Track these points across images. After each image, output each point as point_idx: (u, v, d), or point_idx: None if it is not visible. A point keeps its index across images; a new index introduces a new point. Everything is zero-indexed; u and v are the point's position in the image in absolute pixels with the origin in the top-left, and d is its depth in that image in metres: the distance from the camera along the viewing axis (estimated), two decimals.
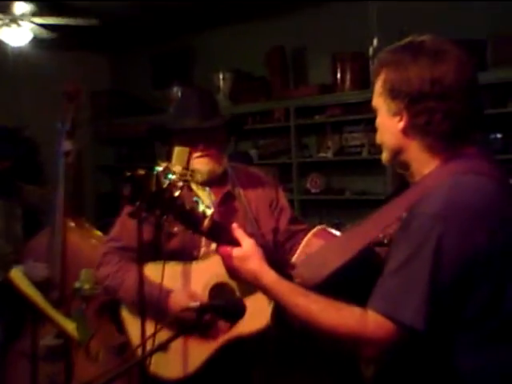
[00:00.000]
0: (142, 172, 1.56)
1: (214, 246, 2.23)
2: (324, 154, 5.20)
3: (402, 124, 1.41)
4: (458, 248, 1.26)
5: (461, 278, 1.27)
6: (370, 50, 3.28)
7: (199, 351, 2.12)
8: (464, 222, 1.27)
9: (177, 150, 1.99)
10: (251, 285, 1.98)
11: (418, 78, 1.37)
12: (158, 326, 1.79)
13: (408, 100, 1.38)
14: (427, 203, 1.31)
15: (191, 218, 1.55)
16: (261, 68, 5.53)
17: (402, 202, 1.41)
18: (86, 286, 2.56)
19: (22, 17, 4.51)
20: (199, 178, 2.19)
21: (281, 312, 1.60)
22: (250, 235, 2.19)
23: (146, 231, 2.04)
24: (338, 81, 4.98)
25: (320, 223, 5.11)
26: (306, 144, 5.39)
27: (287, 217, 2.38)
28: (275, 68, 5.44)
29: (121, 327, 2.36)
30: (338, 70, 4.97)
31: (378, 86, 1.45)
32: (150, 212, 1.57)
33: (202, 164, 2.19)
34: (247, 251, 1.54)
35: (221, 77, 5.62)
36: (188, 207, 1.56)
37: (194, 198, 1.61)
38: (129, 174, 1.56)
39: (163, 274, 1.93)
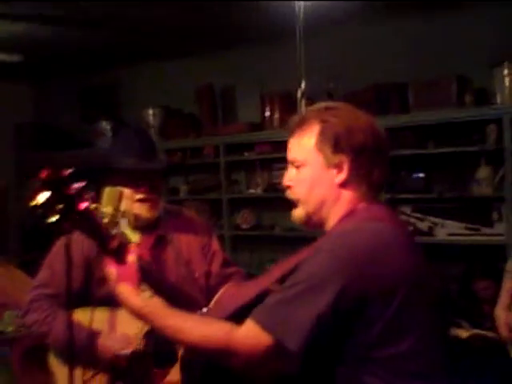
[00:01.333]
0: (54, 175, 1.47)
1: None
2: (253, 191, 5.26)
3: (342, 176, 1.46)
4: (349, 286, 1.31)
5: (347, 313, 1.32)
6: (298, 92, 3.38)
7: None
8: (357, 263, 1.33)
9: (108, 190, 1.94)
10: None
11: (362, 132, 1.45)
12: (88, 375, 1.73)
13: (352, 153, 1.45)
14: (328, 241, 1.39)
15: (102, 234, 1.50)
16: (190, 104, 5.56)
17: (305, 251, 1.46)
18: (10, 329, 2.47)
19: None
20: (139, 222, 2.15)
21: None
22: (182, 278, 2.19)
23: (77, 278, 1.99)
24: (267, 119, 5.08)
25: (250, 258, 5.19)
26: (236, 180, 5.44)
27: (219, 260, 2.35)
28: (205, 105, 5.49)
29: (47, 372, 2.27)
30: (267, 109, 5.07)
31: (311, 140, 1.48)
32: (66, 219, 1.48)
33: (143, 209, 2.13)
34: (127, 273, 1.55)
35: (150, 112, 5.61)
36: (98, 221, 1.52)
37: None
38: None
39: (92, 318, 1.87)
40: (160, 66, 5.77)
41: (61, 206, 1.39)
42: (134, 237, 2.13)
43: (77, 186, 1.40)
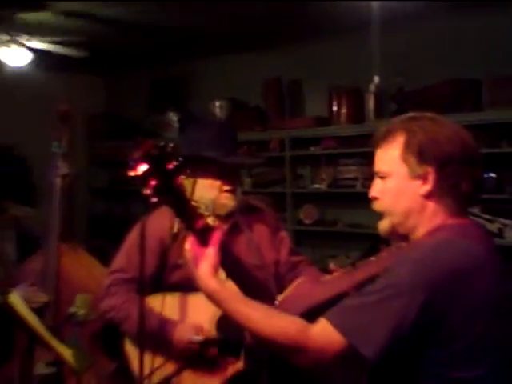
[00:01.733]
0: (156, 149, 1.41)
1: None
2: (318, 186, 5.23)
3: (427, 187, 1.44)
4: (431, 300, 1.30)
5: (425, 328, 1.31)
6: (371, 86, 3.33)
7: None
8: (442, 279, 1.31)
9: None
10: None
11: (448, 143, 1.43)
12: (161, 361, 1.76)
13: (437, 163, 1.43)
14: (415, 251, 1.36)
15: (191, 212, 1.48)
16: (257, 98, 5.58)
17: (387, 259, 1.48)
18: (81, 312, 2.53)
19: (19, 39, 4.53)
20: (222, 211, 2.19)
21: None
22: (254, 266, 2.22)
23: (151, 263, 2.04)
24: (334, 114, 5.04)
25: (313, 254, 5.17)
26: (301, 174, 5.43)
27: (287, 249, 2.41)
28: (272, 98, 5.49)
29: (113, 354, 2.33)
30: (334, 104, 5.03)
31: (396, 151, 1.47)
32: (160, 194, 1.44)
33: (228, 199, 2.20)
34: (208, 254, 1.51)
35: (217, 104, 5.66)
36: (187, 198, 1.48)
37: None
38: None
39: (164, 305, 1.91)
40: (228, 58, 5.81)
41: (157, 180, 1.39)
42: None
43: (175, 162, 1.41)
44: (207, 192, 2.15)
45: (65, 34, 4.59)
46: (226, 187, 2.18)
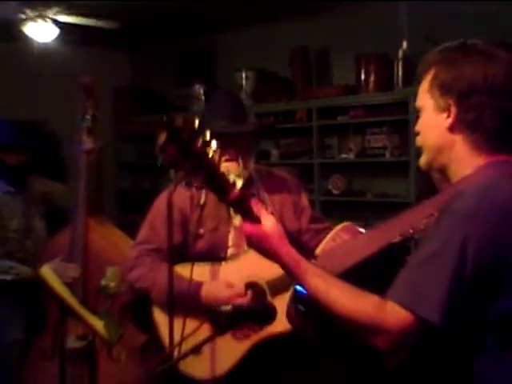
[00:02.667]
0: (180, 119, 1.45)
1: (240, 247, 2.24)
2: (346, 156, 5.18)
3: (450, 120, 1.40)
4: (484, 249, 1.25)
5: (485, 278, 1.25)
6: (400, 52, 3.25)
7: (231, 351, 2.14)
8: (492, 224, 1.26)
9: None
10: (282, 284, 1.98)
11: (471, 75, 1.37)
12: (191, 327, 1.77)
13: (458, 95, 1.38)
14: (459, 201, 1.30)
15: (221, 184, 1.45)
16: (284, 68, 5.51)
17: (434, 202, 1.40)
18: (112, 284, 2.55)
19: (46, 13, 4.53)
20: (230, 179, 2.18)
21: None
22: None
23: (175, 233, 2.05)
24: (362, 82, 4.95)
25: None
26: (328, 145, 5.37)
27: (307, 216, 2.41)
28: (298, 68, 5.41)
29: (144, 326, 2.36)
30: (362, 71, 4.93)
31: (426, 84, 1.45)
32: (182, 164, 1.47)
33: (230, 168, 2.17)
34: (266, 230, 1.46)
35: (243, 76, 5.60)
36: (220, 170, 1.47)
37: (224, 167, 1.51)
38: (165, 119, 1.42)
39: (192, 271, 1.91)
40: (254, 29, 5.74)
41: (187, 162, 1.39)
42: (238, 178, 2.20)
43: (201, 140, 1.41)
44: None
45: (92, 7, 4.58)
46: (225, 157, 2.14)
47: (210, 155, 1.43)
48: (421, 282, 1.26)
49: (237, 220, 2.18)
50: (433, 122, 1.44)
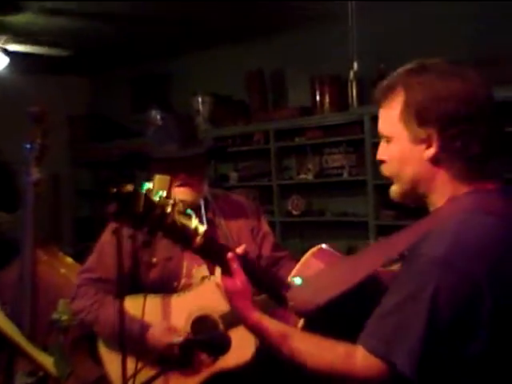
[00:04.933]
0: (129, 188, 1.43)
1: (195, 276, 2.19)
2: (304, 176, 5.19)
3: (431, 151, 1.29)
4: (457, 292, 1.19)
5: (457, 325, 1.19)
6: (351, 73, 3.29)
7: None
8: (463, 271, 1.19)
9: (157, 177, 1.93)
10: (236, 317, 1.94)
11: (452, 99, 1.26)
12: (139, 365, 1.72)
13: (440, 124, 1.27)
14: (430, 243, 1.23)
15: (183, 235, 1.45)
16: (240, 91, 5.52)
17: (409, 235, 1.32)
18: (65, 317, 2.48)
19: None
20: (181, 207, 2.13)
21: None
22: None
23: (125, 263, 1.99)
24: (317, 103, 5.00)
25: (301, 245, 5.14)
26: (287, 166, 5.39)
27: (270, 243, 2.34)
28: (254, 91, 5.44)
29: (98, 359, 2.28)
30: (317, 93, 4.98)
31: (395, 112, 1.32)
32: (138, 230, 1.49)
33: (182, 194, 2.10)
34: (236, 287, 1.46)
35: (200, 100, 5.61)
36: (179, 224, 1.46)
37: (188, 211, 1.52)
38: (114, 190, 1.42)
39: (144, 307, 1.85)
40: (210, 53, 5.74)
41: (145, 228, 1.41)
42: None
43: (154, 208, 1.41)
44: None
45: (44, 34, 4.53)
46: (177, 182, 2.08)
47: (169, 210, 1.42)
48: (392, 331, 1.21)
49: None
50: (409, 153, 1.32)
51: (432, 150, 1.29)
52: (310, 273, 1.63)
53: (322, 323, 1.44)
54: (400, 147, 1.33)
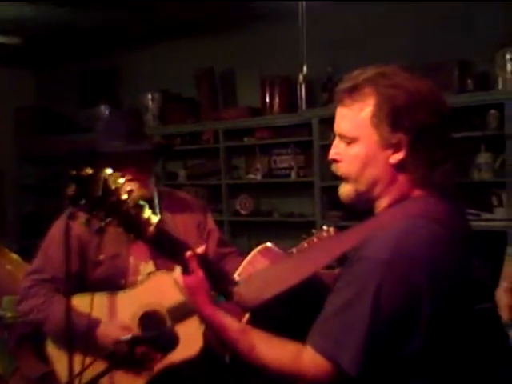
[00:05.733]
0: (89, 171, 1.44)
1: (142, 273, 2.20)
2: (253, 176, 5.24)
3: (399, 156, 1.30)
4: (398, 295, 1.23)
5: (398, 323, 1.24)
6: (300, 76, 3.35)
7: None
8: (405, 273, 1.23)
9: None
10: (183, 311, 1.96)
11: (425, 106, 1.28)
12: (88, 362, 1.72)
13: (412, 132, 1.28)
14: (372, 246, 1.27)
15: (135, 224, 1.45)
16: (189, 89, 5.52)
17: (353, 236, 1.36)
18: (9, 314, 2.46)
19: None
20: (136, 197, 2.12)
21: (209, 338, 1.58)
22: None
23: (72, 261, 1.98)
24: (267, 104, 5.04)
25: (249, 244, 5.18)
26: (236, 165, 5.42)
27: (215, 239, 2.38)
28: (204, 89, 5.44)
29: (43, 357, 2.26)
30: (267, 94, 5.03)
31: (364, 114, 1.31)
32: (93, 215, 1.47)
33: (132, 187, 2.12)
34: (194, 283, 1.47)
35: (149, 97, 5.58)
36: (133, 212, 1.47)
37: (141, 202, 1.53)
38: (74, 172, 1.43)
39: (92, 305, 1.85)
40: (160, 49, 5.72)
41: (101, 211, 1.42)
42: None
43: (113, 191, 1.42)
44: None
45: None
46: (127, 177, 2.08)
47: (124, 197, 1.43)
48: (337, 331, 1.25)
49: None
50: (373, 156, 1.32)
51: (400, 156, 1.30)
52: (256, 270, 1.66)
53: (266, 318, 1.48)
54: (365, 149, 1.32)
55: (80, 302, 1.98)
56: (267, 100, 5.04)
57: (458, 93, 4.09)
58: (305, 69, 3.47)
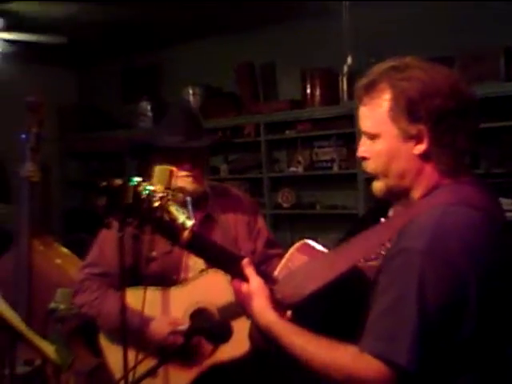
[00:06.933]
0: (118, 182, 1.48)
1: (194, 270, 2.22)
2: (295, 169, 5.23)
3: (422, 147, 1.32)
4: (442, 282, 1.22)
5: (449, 312, 1.23)
6: (345, 67, 3.33)
7: (180, 378, 2.09)
8: (445, 256, 1.23)
9: (158, 168, 1.95)
10: (233, 310, 1.97)
11: (440, 95, 1.29)
12: (141, 356, 1.74)
13: (431, 121, 1.30)
14: (410, 237, 1.27)
15: (170, 230, 1.46)
16: (229, 83, 5.54)
17: (390, 227, 1.36)
18: (62, 307, 2.50)
19: None
20: (181, 196, 2.13)
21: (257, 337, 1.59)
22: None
23: (126, 256, 2.01)
24: (308, 96, 5.02)
25: (291, 237, 5.18)
26: (277, 159, 5.42)
27: (264, 239, 2.36)
28: (245, 83, 5.46)
29: (95, 350, 2.30)
30: (308, 86, 5.01)
31: (382, 110, 1.34)
32: (126, 223, 1.51)
33: (186, 183, 2.14)
34: (253, 290, 1.47)
35: (191, 92, 5.61)
36: (167, 218, 1.48)
37: (175, 208, 1.54)
38: (104, 184, 1.48)
39: (144, 300, 1.87)
40: (201, 44, 5.74)
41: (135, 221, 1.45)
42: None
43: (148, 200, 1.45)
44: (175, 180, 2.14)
45: (37, 23, 4.51)
46: (182, 173, 2.11)
47: (156, 204, 1.44)
48: (389, 332, 1.24)
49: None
50: (397, 150, 1.35)
51: (422, 146, 1.33)
52: (295, 267, 1.67)
53: (308, 315, 1.48)
54: (388, 144, 1.35)
55: (131, 296, 2.01)
56: (308, 92, 5.01)
57: (505, 81, 4.01)
58: (349, 60, 3.44)
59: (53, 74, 6.35)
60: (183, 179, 2.12)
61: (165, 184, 1.88)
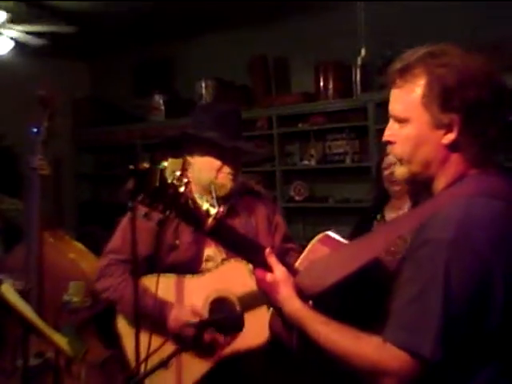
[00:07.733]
0: (146, 165, 1.49)
1: (216, 259, 2.23)
2: (307, 162, 5.21)
3: (451, 136, 1.30)
4: (468, 272, 1.21)
5: (475, 303, 1.22)
6: (358, 59, 3.30)
7: (196, 367, 2.11)
8: (471, 246, 1.22)
9: (170, 161, 1.96)
10: (253, 300, 1.97)
11: (476, 85, 1.27)
12: (156, 343, 1.75)
13: (464, 111, 1.27)
14: (435, 227, 1.25)
15: (194, 216, 1.47)
16: (243, 76, 5.52)
17: (413, 218, 1.35)
18: (75, 299, 2.51)
19: (2, 25, 4.45)
20: (222, 192, 2.19)
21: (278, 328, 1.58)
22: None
23: (147, 243, 2.02)
24: (321, 89, 5.00)
25: (304, 230, 5.17)
26: (290, 152, 5.40)
27: (281, 234, 2.42)
28: (257, 76, 5.44)
29: (107, 341, 2.31)
30: (321, 79, 4.99)
31: (415, 95, 1.31)
32: (152, 207, 1.50)
33: (227, 180, 2.21)
34: (278, 278, 1.47)
35: (203, 85, 5.60)
36: (192, 204, 1.48)
37: (198, 195, 1.51)
38: (131, 167, 1.48)
39: (157, 287, 1.89)
40: (212, 38, 5.74)
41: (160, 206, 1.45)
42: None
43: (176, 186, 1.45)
44: (206, 172, 2.18)
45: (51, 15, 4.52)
46: (226, 169, 2.19)
47: (182, 190, 1.45)
48: (414, 322, 1.23)
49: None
50: (426, 136, 1.32)
51: (452, 136, 1.30)
52: (317, 258, 1.66)
53: (329, 305, 1.46)
54: (417, 130, 1.32)
55: (154, 283, 2.02)
56: (321, 85, 4.99)
57: None
58: (363, 52, 3.42)
59: (66, 67, 6.36)
60: (226, 176, 2.20)
61: (176, 175, 1.90)
